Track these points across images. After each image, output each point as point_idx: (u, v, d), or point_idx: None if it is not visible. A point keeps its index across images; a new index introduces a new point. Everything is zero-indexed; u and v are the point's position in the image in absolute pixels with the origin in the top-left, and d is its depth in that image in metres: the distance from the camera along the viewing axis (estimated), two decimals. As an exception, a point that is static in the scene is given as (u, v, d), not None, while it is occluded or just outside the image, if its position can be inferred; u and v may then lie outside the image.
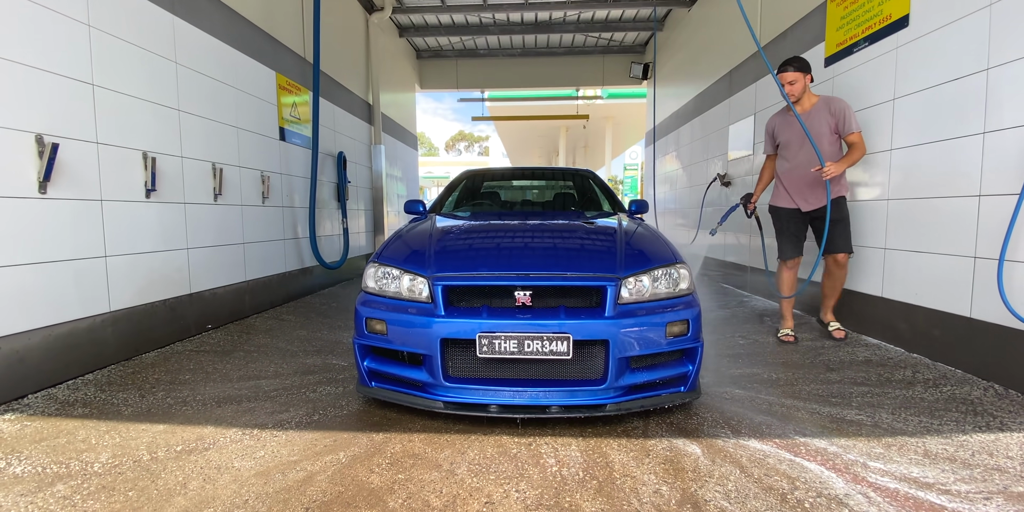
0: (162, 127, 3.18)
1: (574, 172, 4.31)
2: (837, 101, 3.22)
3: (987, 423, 2.09)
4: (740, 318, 4.21)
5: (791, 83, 3.26)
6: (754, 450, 1.90)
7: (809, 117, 3.28)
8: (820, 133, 3.25)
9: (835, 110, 3.21)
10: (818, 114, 3.26)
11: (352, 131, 6.53)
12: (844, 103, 3.19)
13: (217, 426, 2.11)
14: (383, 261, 2.33)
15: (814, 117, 3.27)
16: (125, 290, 2.91)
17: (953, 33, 2.75)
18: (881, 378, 2.66)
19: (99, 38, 2.73)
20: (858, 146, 3.14)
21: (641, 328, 2.05)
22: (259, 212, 4.29)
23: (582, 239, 2.53)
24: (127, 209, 2.91)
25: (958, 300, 2.72)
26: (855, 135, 3.15)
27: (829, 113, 3.22)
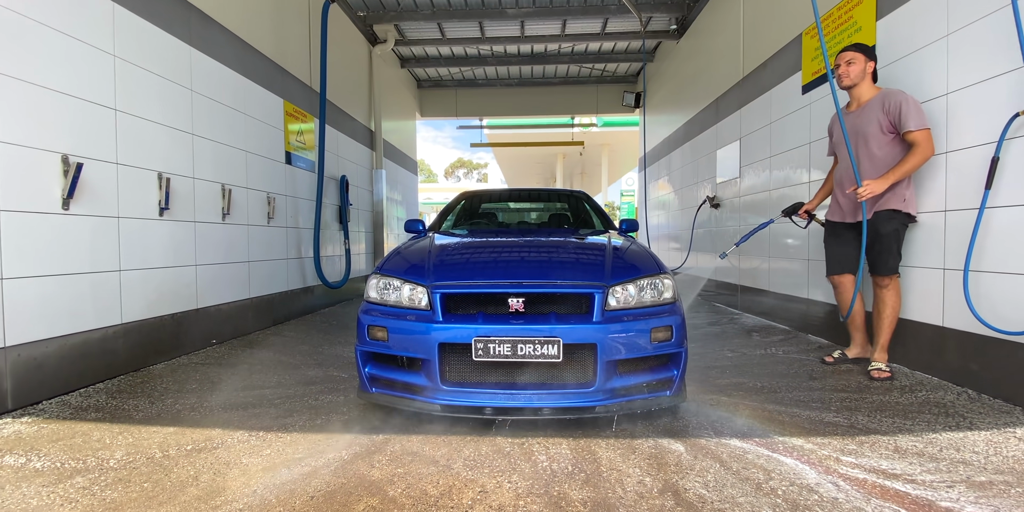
0: (176, 149, 3.37)
1: (568, 194, 4.50)
2: (894, 94, 2.73)
3: (957, 423, 2.20)
4: (730, 334, 4.33)
5: (849, 63, 2.84)
6: (734, 447, 2.01)
7: (861, 114, 2.87)
8: (867, 133, 2.82)
9: (889, 105, 2.72)
10: (870, 110, 2.81)
11: (354, 156, 6.76)
12: (902, 95, 2.70)
13: (224, 428, 2.21)
14: (385, 272, 2.47)
15: (865, 114, 2.84)
16: (136, 303, 3.03)
17: (915, 62, 2.98)
18: (860, 385, 2.77)
19: (123, 67, 2.95)
20: (917, 149, 2.64)
21: (627, 333, 2.18)
22: (264, 232, 4.45)
23: (572, 252, 2.68)
24: (142, 226, 3.07)
25: (932, 310, 2.85)
26: (915, 134, 2.64)
27: (881, 109, 2.76)
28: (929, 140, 2.66)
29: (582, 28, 8.05)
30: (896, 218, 2.80)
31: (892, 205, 2.80)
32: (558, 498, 1.63)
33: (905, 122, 2.67)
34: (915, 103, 2.68)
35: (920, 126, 2.65)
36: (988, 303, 2.48)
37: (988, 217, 2.47)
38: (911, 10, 3.01)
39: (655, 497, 1.63)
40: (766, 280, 4.85)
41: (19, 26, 2.36)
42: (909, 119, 2.66)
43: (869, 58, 2.86)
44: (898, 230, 2.81)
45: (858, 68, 2.85)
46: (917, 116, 2.65)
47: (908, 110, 2.66)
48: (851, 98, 2.98)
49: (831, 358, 3.20)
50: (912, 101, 2.69)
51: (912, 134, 2.67)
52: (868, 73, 2.87)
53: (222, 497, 1.63)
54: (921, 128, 2.65)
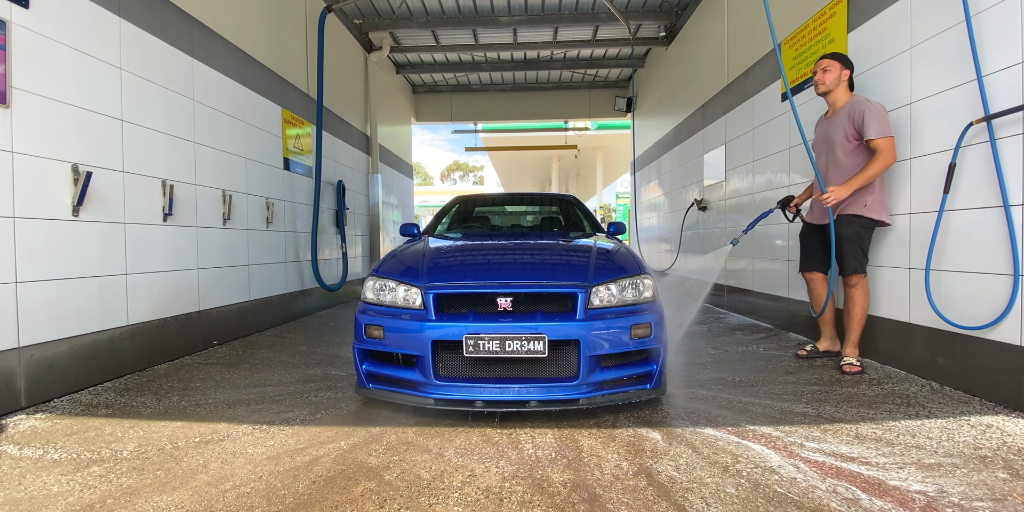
0: (179, 157, 3.51)
1: (559, 198, 4.65)
2: (861, 102, 2.84)
3: (917, 412, 2.35)
4: (714, 332, 4.48)
5: (824, 70, 2.97)
6: (707, 436, 2.15)
7: (832, 121, 3.02)
8: (834, 140, 2.96)
9: (854, 113, 2.84)
10: (839, 118, 2.95)
11: (351, 161, 6.90)
12: (867, 103, 2.79)
13: (229, 423, 2.34)
14: (381, 274, 2.61)
15: (835, 121, 2.98)
16: (141, 306, 3.16)
17: (883, 72, 3.14)
18: (832, 379, 2.93)
19: (129, 79, 3.08)
20: (878, 157, 2.73)
21: (609, 329, 2.32)
22: (264, 236, 4.59)
23: (559, 254, 2.83)
24: (146, 231, 3.20)
25: (899, 307, 3.01)
26: (876, 141, 2.75)
27: (848, 117, 2.88)
28: (890, 148, 2.75)
29: (573, 35, 8.22)
30: (856, 222, 2.92)
31: (853, 210, 2.93)
32: (541, 480, 1.77)
33: (866, 130, 2.79)
34: (879, 111, 2.78)
35: (880, 134, 2.75)
36: (948, 300, 2.64)
37: (947, 219, 2.63)
38: (878, 24, 3.18)
39: (630, 478, 1.77)
40: (751, 280, 5.01)
41: (33, 43, 2.50)
42: (870, 127, 2.77)
43: (845, 66, 2.96)
44: (859, 233, 2.92)
45: (833, 75, 2.96)
46: (878, 124, 2.75)
47: (870, 118, 2.77)
48: (828, 105, 3.11)
49: (804, 351, 3.38)
50: (876, 109, 2.78)
51: (873, 142, 2.78)
52: (843, 80, 2.98)
53: (230, 482, 1.76)
54: (882, 136, 2.75)
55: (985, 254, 2.44)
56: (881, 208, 2.93)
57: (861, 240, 2.94)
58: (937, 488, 1.68)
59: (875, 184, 2.90)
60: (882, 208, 2.93)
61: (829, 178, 3.02)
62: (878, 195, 2.93)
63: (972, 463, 1.84)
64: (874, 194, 2.91)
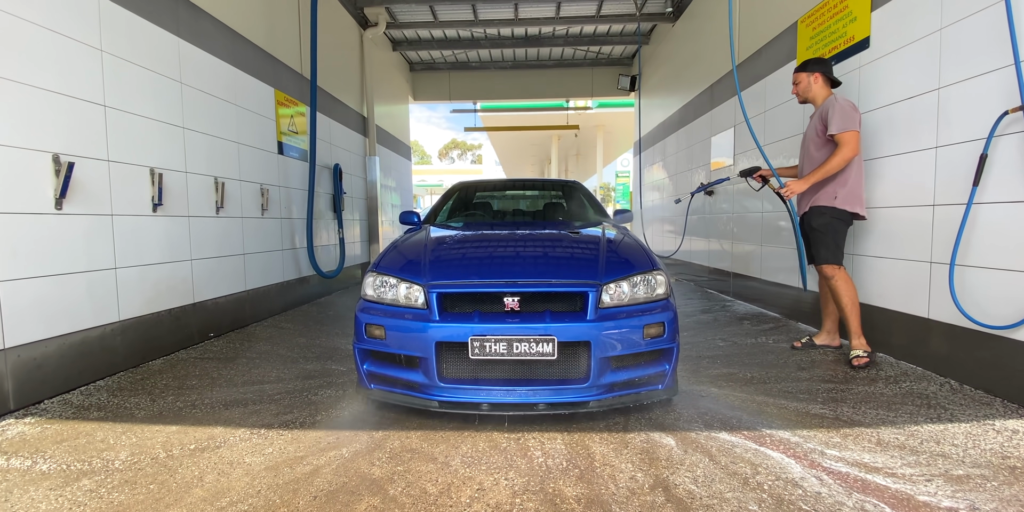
0: (168, 144, 3.35)
1: (563, 183, 4.50)
2: (830, 100, 2.97)
3: (939, 415, 2.27)
4: (722, 322, 4.40)
5: (795, 84, 3.17)
6: (723, 441, 2.08)
7: (810, 119, 3.17)
8: (808, 137, 3.13)
9: (823, 110, 2.97)
10: (815, 116, 3.09)
11: (347, 143, 6.71)
12: (833, 101, 2.93)
13: (226, 426, 2.25)
14: (381, 270, 2.50)
15: (812, 119, 3.12)
16: (133, 300, 3.05)
17: (908, 55, 2.98)
18: (846, 376, 2.85)
19: (111, 62, 2.90)
20: (837, 151, 2.85)
21: (620, 330, 2.22)
22: (259, 224, 4.45)
23: (567, 248, 2.71)
24: (136, 223, 3.06)
25: (917, 302, 2.91)
26: (839, 135, 2.85)
27: (819, 113, 3.01)
28: (850, 142, 2.84)
29: (577, 10, 7.92)
30: (827, 213, 3.00)
31: (823, 202, 3.02)
32: (553, 495, 1.69)
33: (829, 126, 2.90)
34: (842, 108, 2.87)
35: (842, 129, 2.85)
36: (972, 297, 2.54)
37: (975, 213, 2.51)
38: (906, 2, 2.99)
39: (646, 493, 1.69)
40: (758, 268, 4.90)
41: (5, 25, 2.32)
42: (831, 123, 2.89)
43: (811, 71, 3.09)
44: (829, 224, 3.00)
45: (802, 85, 3.14)
46: (839, 120, 2.85)
47: (832, 115, 2.88)
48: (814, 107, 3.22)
49: (799, 343, 3.39)
50: (840, 106, 2.88)
51: (835, 136, 2.89)
52: (814, 83, 3.10)
53: (227, 498, 1.68)
54: (843, 131, 2.85)
55: (1016, 251, 2.33)
56: (853, 200, 2.98)
57: (833, 231, 3.00)
58: (968, 504, 1.60)
59: (848, 176, 2.96)
60: (855, 200, 2.98)
61: (804, 172, 3.18)
62: (852, 187, 2.97)
63: (1002, 475, 1.77)
64: (846, 186, 2.97)
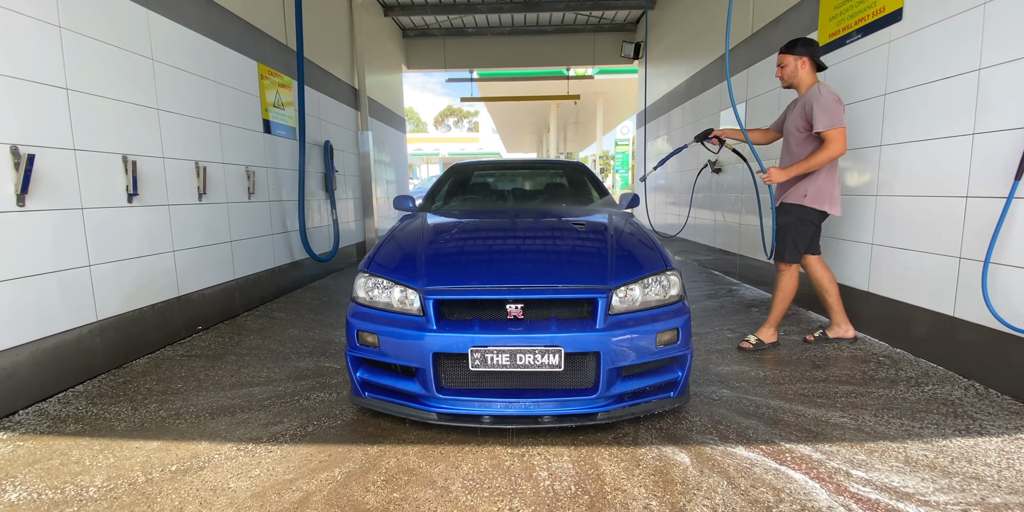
0: (141, 128, 3.10)
1: (567, 166, 4.28)
2: (813, 93, 2.82)
3: (967, 426, 2.15)
4: (729, 309, 4.26)
5: (781, 67, 2.97)
6: (741, 458, 1.95)
7: (793, 107, 3.00)
8: (789, 130, 2.98)
9: (807, 104, 2.83)
10: (797, 108, 2.94)
11: (338, 118, 6.40)
12: (816, 95, 2.78)
13: (211, 441, 2.12)
14: (373, 271, 2.32)
15: (793, 111, 2.97)
16: (112, 298, 2.88)
17: (945, 30, 2.72)
18: (865, 376, 2.72)
19: (71, 39, 2.63)
20: (825, 147, 2.73)
21: (632, 338, 2.07)
22: (246, 208, 4.23)
23: (573, 245, 2.52)
24: (109, 215, 2.86)
25: (942, 299, 2.76)
26: (827, 132, 2.73)
27: (802, 108, 2.87)
28: (837, 139, 2.72)
29: (578, -28, 7.46)
30: (794, 212, 2.94)
31: (792, 199, 2.95)
32: (561, 530, 1.56)
33: (815, 123, 2.77)
34: (827, 103, 2.74)
35: (829, 126, 2.72)
36: (1005, 298, 2.38)
37: (1015, 209, 2.32)
38: (948, -32, 2.72)
39: (662, 527, 1.57)
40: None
41: (-62, -2, 2.06)
42: (818, 120, 2.75)
43: (799, 55, 2.90)
44: (791, 224, 2.95)
45: (789, 70, 2.95)
46: (826, 117, 2.72)
47: (818, 112, 2.74)
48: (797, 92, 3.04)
49: (811, 337, 3.26)
50: (824, 101, 2.74)
51: (822, 133, 2.77)
52: (801, 68, 2.92)
53: (209, 534, 1.55)
54: (831, 128, 2.72)
55: (1058, 251, 2.16)
56: (823, 198, 2.91)
57: (794, 231, 2.96)
58: (1010, 541, 1.48)
59: (820, 174, 2.90)
60: (824, 198, 2.91)
61: (782, 165, 3.06)
62: (822, 185, 2.91)
63: (1043, 503, 1.65)
64: (816, 184, 2.91)
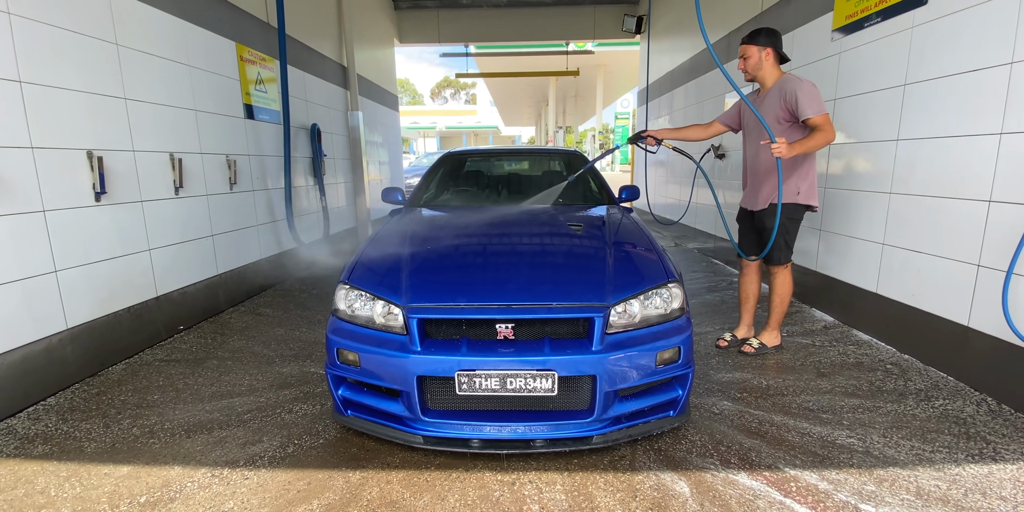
0: (107, 120, 2.89)
1: (562, 155, 4.08)
2: (790, 81, 2.70)
3: (980, 450, 2.04)
4: (730, 305, 4.13)
5: (744, 58, 2.83)
6: (744, 488, 1.85)
7: (763, 102, 2.84)
8: (768, 124, 2.71)
9: (786, 93, 2.69)
10: (770, 99, 2.80)
11: (326, 99, 6.13)
12: (797, 82, 2.67)
13: (185, 466, 2.01)
14: (354, 283, 2.17)
15: (766, 102, 2.82)
16: (82, 304, 2.73)
17: (975, 18, 2.50)
18: (872, 387, 2.61)
19: (23, 27, 2.40)
20: (820, 132, 2.61)
21: (630, 359, 1.94)
22: (227, 200, 4.04)
23: (568, 253, 2.36)
24: (74, 217, 2.68)
25: (956, 307, 2.63)
26: (815, 119, 2.62)
27: (780, 99, 2.74)
28: (830, 124, 2.64)
29: (579, -59, 7.05)
30: (784, 211, 2.79)
31: (784, 199, 2.80)
32: (552, 580, 1.46)
33: (802, 111, 2.65)
34: (810, 89, 2.65)
35: (818, 112, 2.63)
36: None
37: (1044, 218, 2.16)
38: (982, -52, 2.48)
39: (660, 576, 1.47)
40: (770, 244, 4.57)
41: None
42: (806, 108, 2.63)
43: (763, 46, 2.79)
44: (785, 225, 2.83)
45: (752, 61, 2.83)
46: (814, 103, 2.63)
47: (804, 98, 2.63)
48: (760, 85, 2.91)
49: (724, 341, 3.19)
50: (807, 88, 2.65)
51: (811, 120, 2.64)
52: (766, 60, 2.81)
53: (174, 585, 1.45)
54: (820, 113, 2.63)
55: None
56: (812, 193, 2.85)
57: (787, 232, 2.86)
58: (1032, 594, 1.39)
59: (809, 169, 2.82)
60: (813, 193, 2.85)
61: (760, 160, 2.89)
62: (811, 180, 2.83)
63: (1065, 547, 1.55)
64: (808, 180, 2.82)
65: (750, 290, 3.16)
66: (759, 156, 2.88)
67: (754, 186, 2.96)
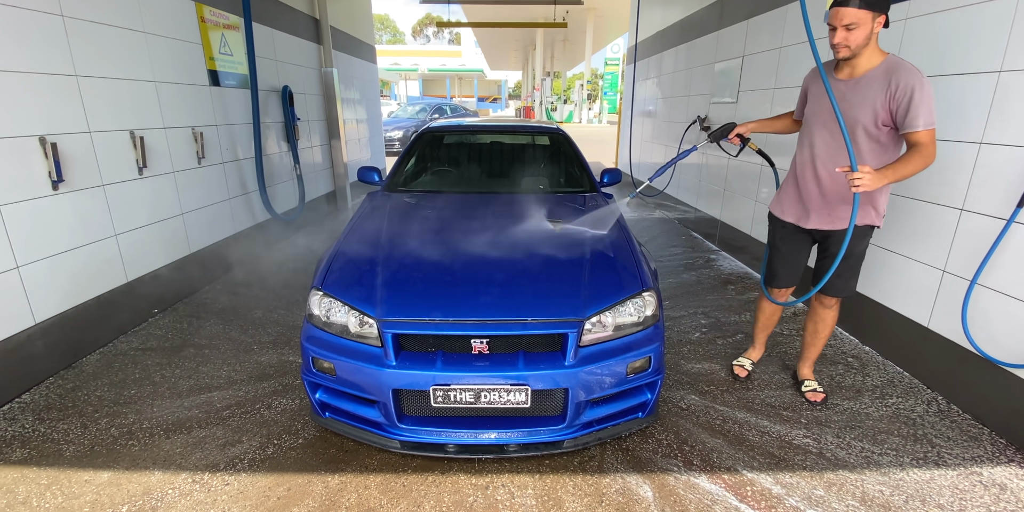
0: (58, 102, 2.70)
1: (547, 134, 3.96)
2: (907, 70, 1.95)
3: (926, 454, 2.18)
4: (706, 285, 4.21)
5: (848, 27, 1.94)
6: (703, 492, 1.96)
7: (854, 89, 2.07)
8: (855, 118, 2.06)
9: (897, 87, 1.95)
10: (867, 88, 2.03)
11: (298, 57, 5.78)
12: (916, 75, 1.94)
13: (165, 471, 2.05)
14: (328, 290, 2.15)
15: (859, 91, 2.05)
16: (49, 297, 2.66)
17: (964, 17, 2.41)
18: (832, 382, 2.73)
19: (-51, 2, 2.18)
20: (921, 150, 1.93)
21: (603, 372, 1.99)
22: (196, 175, 3.89)
23: (546, 261, 2.34)
24: (32, 209, 2.56)
25: (919, 308, 2.71)
26: (922, 134, 1.94)
27: (885, 91, 1.99)
28: (934, 144, 1.96)
29: None
30: (868, 235, 2.27)
31: (866, 220, 2.20)
32: (519, 593, 1.57)
33: (913, 118, 1.93)
34: (930, 89, 1.94)
35: (929, 125, 1.94)
36: (983, 321, 2.33)
37: (1012, 233, 2.19)
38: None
39: (619, 588, 1.58)
40: (748, 223, 4.61)
41: None
42: (919, 114, 1.92)
43: (879, 11, 1.92)
44: (864, 252, 2.33)
45: (862, 33, 1.95)
46: (927, 112, 1.93)
47: (920, 102, 1.91)
48: (843, 64, 2.12)
49: (745, 371, 2.78)
50: (928, 87, 1.93)
51: (918, 134, 1.95)
52: (874, 35, 1.98)
53: (160, 603, 1.52)
54: (930, 127, 1.94)
55: (1047, 285, 2.08)
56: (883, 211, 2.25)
57: (863, 258, 2.34)
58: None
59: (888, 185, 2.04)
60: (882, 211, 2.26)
61: (828, 169, 2.21)
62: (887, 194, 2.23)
63: (988, 556, 1.70)
64: (885, 194, 2.21)
65: (775, 319, 2.75)
66: (836, 159, 2.17)
67: (825, 198, 2.25)
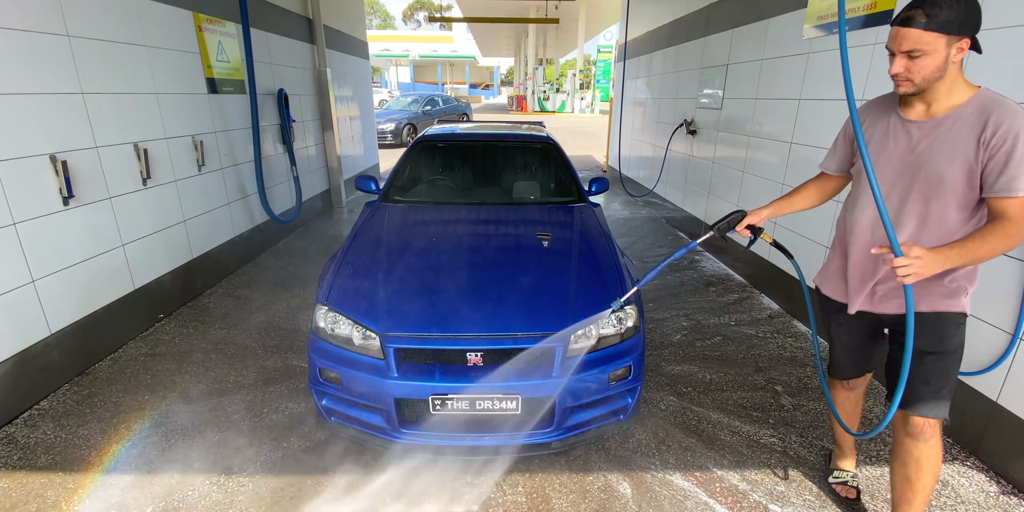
0: (66, 119, 2.81)
1: (538, 145, 4.08)
2: (1009, 111, 1.41)
3: (877, 452, 2.40)
4: (688, 287, 4.40)
5: (910, 54, 1.42)
6: (676, 489, 2.17)
7: (936, 132, 1.51)
8: (937, 175, 1.50)
9: (994, 130, 1.40)
10: (954, 130, 1.48)
11: (292, 59, 5.85)
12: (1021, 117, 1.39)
13: (184, 473, 2.21)
14: (333, 305, 2.31)
15: (945, 134, 1.49)
16: (63, 308, 2.80)
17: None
18: (800, 384, 2.94)
19: (-36, 31, 2.28)
20: (1008, 227, 1.40)
21: (587, 381, 2.18)
22: (197, 182, 4.00)
23: (536, 276, 2.52)
24: (45, 224, 2.68)
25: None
26: (1012, 201, 1.41)
27: (977, 138, 1.44)
28: None
29: None
30: (961, 323, 1.62)
31: (951, 306, 1.60)
32: (510, 582, 1.77)
33: (1012, 178, 1.39)
34: None
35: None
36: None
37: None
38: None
39: (599, 577, 1.79)
40: (731, 226, 4.79)
41: None
42: (1018, 178, 1.39)
43: (959, 34, 1.38)
44: (960, 347, 1.64)
45: (932, 63, 1.41)
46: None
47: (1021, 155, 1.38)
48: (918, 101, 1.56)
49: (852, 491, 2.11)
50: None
51: (1011, 200, 1.41)
52: (955, 59, 1.42)
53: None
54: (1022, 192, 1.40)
55: (991, 303, 2.26)
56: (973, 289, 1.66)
57: (960, 357, 1.65)
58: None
59: None
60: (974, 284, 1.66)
61: (902, 233, 1.60)
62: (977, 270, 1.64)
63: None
64: (970, 273, 1.62)
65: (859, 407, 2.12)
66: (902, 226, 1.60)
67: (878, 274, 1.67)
